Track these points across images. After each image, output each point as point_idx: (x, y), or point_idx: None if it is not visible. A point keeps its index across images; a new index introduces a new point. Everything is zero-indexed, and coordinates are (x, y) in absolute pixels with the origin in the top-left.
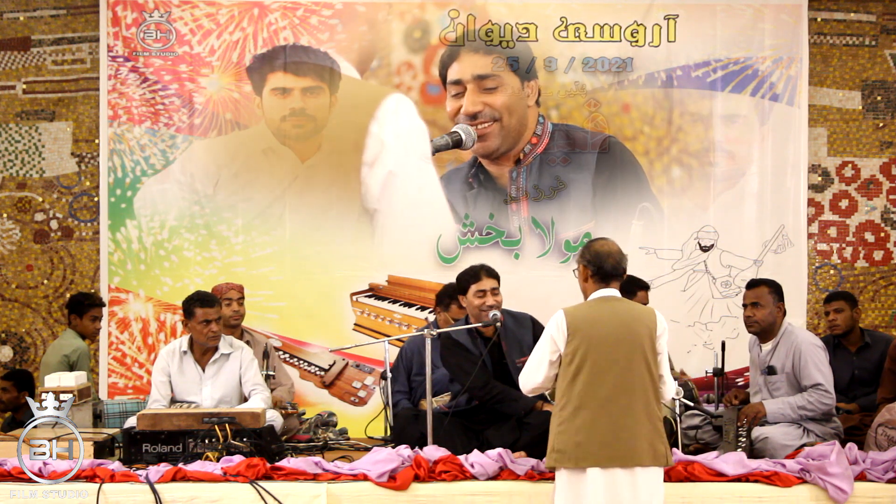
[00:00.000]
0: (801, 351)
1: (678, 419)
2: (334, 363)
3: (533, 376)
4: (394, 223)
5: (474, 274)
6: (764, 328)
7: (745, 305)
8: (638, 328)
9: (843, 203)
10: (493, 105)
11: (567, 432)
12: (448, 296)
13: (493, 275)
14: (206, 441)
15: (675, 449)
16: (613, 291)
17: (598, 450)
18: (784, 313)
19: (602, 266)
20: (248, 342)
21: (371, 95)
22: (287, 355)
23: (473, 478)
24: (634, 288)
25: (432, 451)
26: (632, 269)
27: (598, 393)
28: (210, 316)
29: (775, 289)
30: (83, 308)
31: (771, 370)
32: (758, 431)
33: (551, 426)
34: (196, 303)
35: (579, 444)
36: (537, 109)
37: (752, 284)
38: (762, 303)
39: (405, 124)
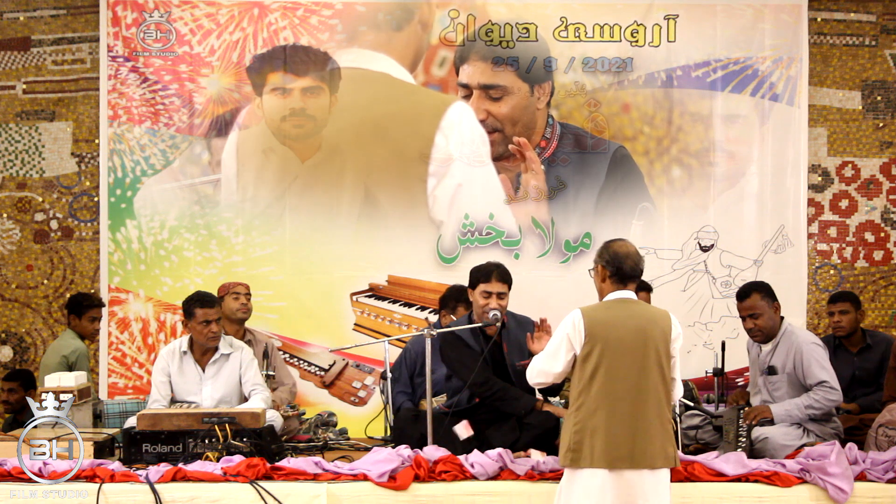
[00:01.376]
0: (803, 351)
1: (678, 419)
2: (334, 363)
3: (544, 371)
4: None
5: (486, 273)
6: (768, 334)
7: (742, 318)
8: (653, 331)
9: (843, 203)
10: (496, 115)
11: (582, 433)
12: (454, 298)
13: (505, 279)
14: (206, 441)
15: None
16: (630, 293)
17: (613, 451)
18: (778, 309)
19: (621, 267)
20: (248, 341)
21: (428, 101)
22: (287, 355)
23: (473, 478)
24: (637, 290)
25: (432, 451)
26: None
27: (613, 395)
28: (210, 316)
29: (766, 291)
30: (82, 308)
31: (771, 370)
32: (758, 431)
33: (565, 426)
34: (196, 303)
35: (594, 446)
36: (547, 111)
37: (743, 295)
38: (758, 310)
39: (468, 133)
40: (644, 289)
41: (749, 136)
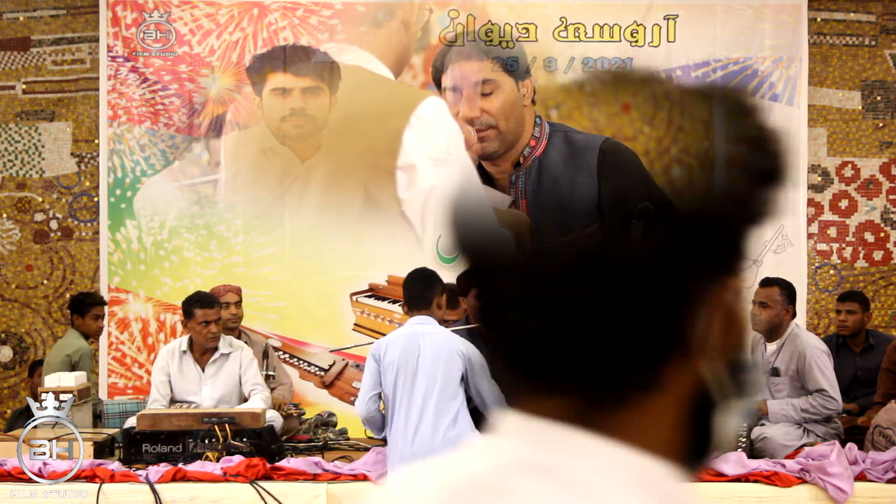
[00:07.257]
0: (806, 355)
1: None
2: (334, 363)
3: None
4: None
5: None
6: (768, 328)
7: (753, 303)
8: None
9: (843, 203)
10: (489, 111)
11: None
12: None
13: None
14: (206, 441)
15: None
16: None
17: None
18: (793, 316)
19: None
20: (244, 342)
21: (404, 97)
22: (287, 355)
23: None
24: None
25: None
26: None
27: None
28: (209, 317)
29: (788, 291)
30: (85, 307)
31: (774, 372)
32: (758, 431)
33: None
34: (195, 303)
35: None
36: (533, 109)
37: (766, 283)
38: (770, 303)
39: (442, 130)
40: None
41: None
